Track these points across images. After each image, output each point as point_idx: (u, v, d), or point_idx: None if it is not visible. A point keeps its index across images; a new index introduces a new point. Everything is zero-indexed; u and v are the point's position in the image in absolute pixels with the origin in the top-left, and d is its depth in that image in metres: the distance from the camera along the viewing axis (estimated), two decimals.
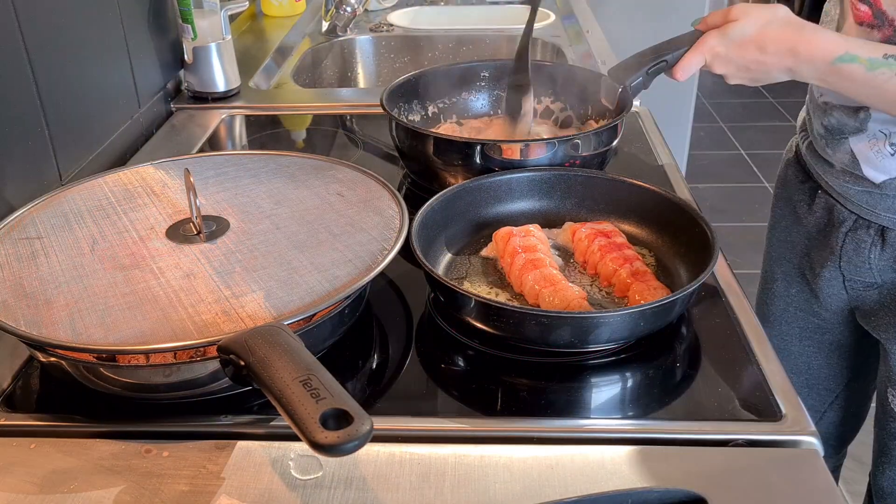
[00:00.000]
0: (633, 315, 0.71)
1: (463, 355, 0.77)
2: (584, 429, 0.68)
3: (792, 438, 0.66)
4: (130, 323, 0.66)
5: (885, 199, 0.96)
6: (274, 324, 0.63)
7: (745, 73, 0.88)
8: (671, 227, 0.88)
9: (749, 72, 0.88)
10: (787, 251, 1.16)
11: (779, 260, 1.17)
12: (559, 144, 0.98)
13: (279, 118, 1.39)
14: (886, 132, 0.92)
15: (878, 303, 1.03)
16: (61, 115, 1.00)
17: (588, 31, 1.75)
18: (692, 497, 0.58)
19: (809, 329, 1.16)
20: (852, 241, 1.01)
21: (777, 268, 1.14)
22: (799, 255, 1.14)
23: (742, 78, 0.89)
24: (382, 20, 1.90)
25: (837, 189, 1.02)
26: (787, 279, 1.16)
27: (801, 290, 1.15)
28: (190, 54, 1.35)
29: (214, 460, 0.64)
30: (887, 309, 1.02)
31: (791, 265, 1.15)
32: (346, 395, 0.54)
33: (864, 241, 1.00)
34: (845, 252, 1.03)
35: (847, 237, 1.02)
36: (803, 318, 1.16)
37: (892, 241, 0.98)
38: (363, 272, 0.72)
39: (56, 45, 1.00)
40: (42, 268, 0.74)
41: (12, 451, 0.65)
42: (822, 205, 1.06)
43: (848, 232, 1.02)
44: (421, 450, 0.65)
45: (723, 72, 0.89)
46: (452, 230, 0.91)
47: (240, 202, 0.85)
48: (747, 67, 0.87)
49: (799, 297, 1.15)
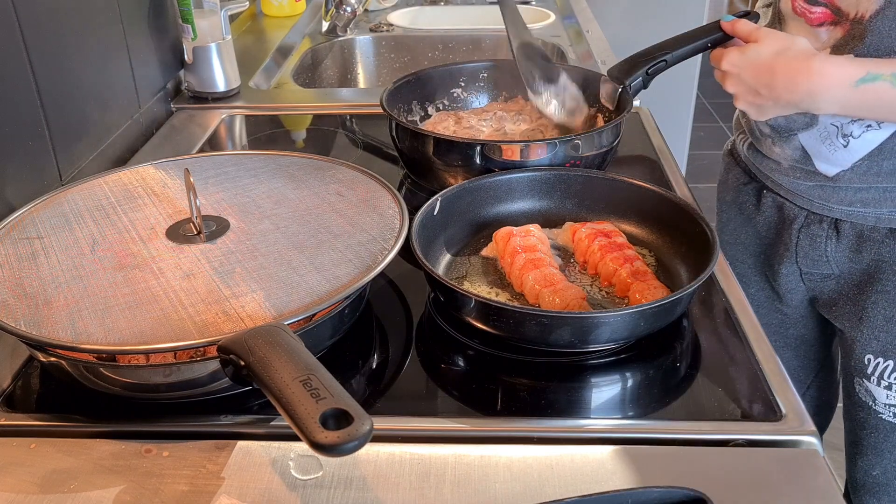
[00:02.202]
0: (633, 315, 0.71)
1: (463, 355, 0.77)
2: (584, 429, 0.68)
3: (792, 438, 0.66)
4: (130, 323, 0.66)
5: (839, 192, 0.96)
6: (274, 324, 0.63)
7: (753, 97, 0.87)
8: (671, 227, 0.88)
9: (758, 97, 0.86)
10: (739, 252, 1.16)
11: (732, 262, 1.16)
12: (559, 145, 0.98)
13: (279, 118, 1.39)
14: (838, 124, 0.92)
15: (836, 292, 1.04)
16: (61, 115, 1.00)
17: (588, 31, 1.75)
18: (692, 497, 0.58)
19: (774, 325, 1.18)
20: (807, 237, 1.02)
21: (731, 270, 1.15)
22: (753, 256, 1.14)
23: (749, 103, 0.88)
24: (382, 20, 1.90)
25: (787, 186, 1.02)
26: (744, 280, 1.16)
27: (761, 289, 1.16)
28: (190, 54, 1.35)
29: (214, 460, 0.64)
30: (846, 298, 1.02)
31: (746, 266, 1.16)
32: (346, 395, 0.54)
33: (819, 235, 1.01)
34: (801, 248, 1.04)
35: (801, 233, 1.03)
36: (766, 315, 1.17)
37: (847, 232, 0.98)
38: (363, 272, 0.72)
39: (56, 45, 1.00)
40: (42, 268, 0.74)
41: (12, 451, 0.65)
42: (771, 203, 1.06)
43: (801, 228, 1.02)
44: (421, 450, 0.65)
45: (733, 90, 0.89)
46: (452, 230, 0.91)
47: (240, 202, 0.85)
48: (756, 91, 0.86)
49: (759, 295, 1.16)
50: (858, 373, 1.03)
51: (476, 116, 1.19)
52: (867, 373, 1.01)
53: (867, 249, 0.97)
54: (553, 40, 1.74)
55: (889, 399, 1.01)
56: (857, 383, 1.04)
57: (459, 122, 1.18)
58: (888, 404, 1.01)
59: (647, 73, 1.04)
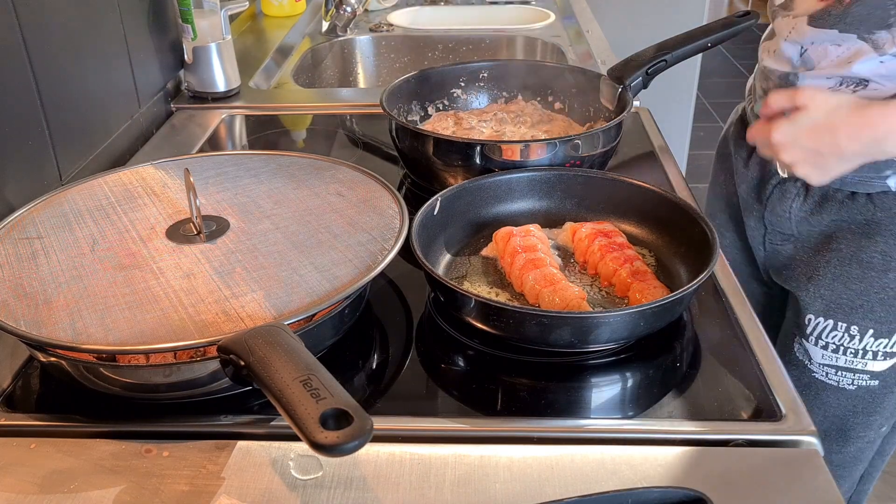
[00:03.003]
0: (633, 315, 0.71)
1: (463, 355, 0.77)
2: (584, 429, 0.68)
3: (792, 438, 0.66)
4: (130, 323, 0.66)
5: None
6: (274, 324, 0.63)
7: (816, 158, 0.87)
8: (671, 227, 0.88)
9: (821, 157, 0.87)
10: (720, 204, 1.21)
11: (713, 215, 1.23)
12: (559, 145, 0.98)
13: (279, 118, 1.39)
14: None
15: (791, 257, 1.07)
16: (61, 114, 1.00)
17: (588, 31, 1.75)
18: (692, 497, 0.58)
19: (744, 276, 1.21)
20: (779, 192, 1.05)
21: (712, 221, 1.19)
22: (733, 208, 1.18)
23: (812, 165, 0.88)
24: (382, 20, 1.90)
25: None
26: (720, 231, 1.21)
27: (733, 242, 1.21)
28: (190, 54, 1.35)
29: (214, 460, 0.64)
30: (800, 260, 1.06)
31: (725, 216, 1.21)
32: (346, 395, 0.54)
33: (790, 192, 1.03)
34: (771, 201, 1.06)
35: (776, 188, 1.06)
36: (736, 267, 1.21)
37: (813, 194, 1.01)
38: (363, 272, 0.72)
39: (56, 45, 1.00)
40: (42, 268, 0.74)
41: (12, 451, 0.65)
42: (757, 161, 1.09)
43: (777, 184, 1.05)
44: (421, 450, 0.65)
45: (791, 159, 0.89)
46: (452, 230, 0.91)
47: (240, 202, 0.85)
48: (819, 153, 0.87)
49: (731, 248, 1.21)
50: (799, 332, 1.06)
51: (476, 117, 1.20)
52: (807, 332, 1.05)
53: (827, 210, 1.00)
54: (553, 40, 1.74)
55: (824, 359, 1.05)
56: (795, 343, 1.08)
57: (459, 123, 1.18)
58: (822, 364, 1.05)
59: (647, 73, 1.04)
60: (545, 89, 1.22)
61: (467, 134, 1.15)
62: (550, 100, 1.22)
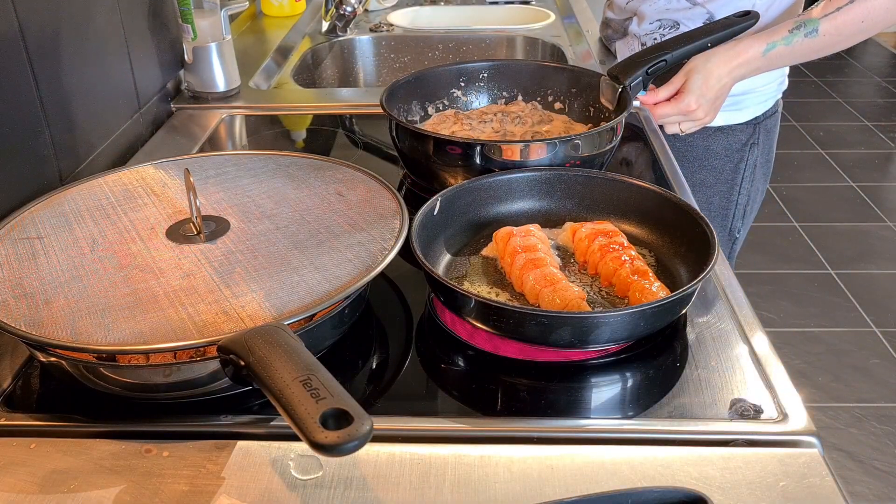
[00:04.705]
0: (633, 315, 0.71)
1: (463, 355, 0.77)
2: (584, 429, 0.68)
3: (792, 438, 0.66)
4: (130, 323, 0.66)
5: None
6: (274, 324, 0.63)
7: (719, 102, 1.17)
8: (671, 227, 0.88)
9: (718, 99, 1.17)
10: None
11: None
12: (559, 145, 0.98)
13: (279, 118, 1.39)
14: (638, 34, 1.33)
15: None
16: (61, 115, 1.00)
17: (588, 31, 1.75)
18: (692, 497, 0.58)
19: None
20: None
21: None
22: None
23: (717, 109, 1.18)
24: (382, 20, 1.90)
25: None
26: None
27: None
28: (190, 54, 1.35)
29: (214, 460, 0.64)
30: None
31: None
32: (346, 395, 0.54)
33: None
34: None
35: None
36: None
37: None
38: (363, 272, 0.72)
39: (56, 45, 1.00)
40: (42, 268, 0.74)
41: (12, 451, 0.65)
42: None
43: None
44: (421, 450, 0.65)
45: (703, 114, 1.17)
46: (452, 230, 0.91)
47: (240, 202, 0.85)
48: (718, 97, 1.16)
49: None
50: None
51: (476, 117, 1.20)
52: None
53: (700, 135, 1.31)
54: (553, 40, 1.74)
55: None
56: None
57: (459, 123, 1.18)
58: None
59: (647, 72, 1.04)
60: (545, 89, 1.22)
61: (467, 134, 1.15)
62: (550, 100, 1.22)
